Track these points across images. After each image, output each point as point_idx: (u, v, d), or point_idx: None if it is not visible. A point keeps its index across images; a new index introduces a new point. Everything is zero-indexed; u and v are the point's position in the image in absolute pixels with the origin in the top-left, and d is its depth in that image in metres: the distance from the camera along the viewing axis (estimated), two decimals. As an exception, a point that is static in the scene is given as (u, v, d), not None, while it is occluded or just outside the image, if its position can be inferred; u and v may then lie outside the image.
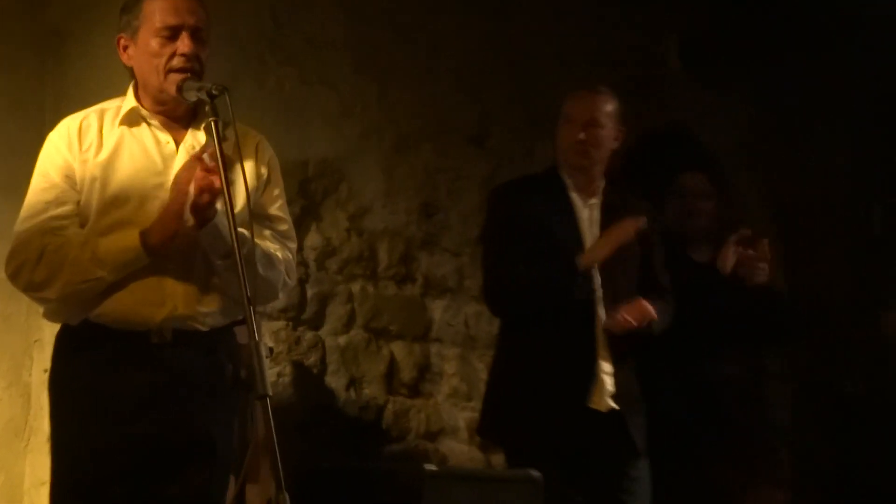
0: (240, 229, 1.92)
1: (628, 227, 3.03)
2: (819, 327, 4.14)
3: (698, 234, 3.42)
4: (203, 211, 1.97)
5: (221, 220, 1.99)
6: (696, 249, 3.42)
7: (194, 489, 2.06)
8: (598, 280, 2.94)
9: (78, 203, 2.13)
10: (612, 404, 2.89)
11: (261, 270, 2.09)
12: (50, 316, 2.24)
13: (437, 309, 3.73)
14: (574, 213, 3.05)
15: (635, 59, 4.25)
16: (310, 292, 3.34)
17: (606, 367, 2.91)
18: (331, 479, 2.97)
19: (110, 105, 2.20)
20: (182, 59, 2.03)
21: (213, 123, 1.87)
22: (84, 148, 2.13)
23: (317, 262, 3.34)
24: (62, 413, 2.19)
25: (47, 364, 2.45)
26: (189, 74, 2.05)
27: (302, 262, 3.29)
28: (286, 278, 2.27)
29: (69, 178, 2.11)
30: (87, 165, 2.15)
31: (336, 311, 3.45)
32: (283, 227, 2.26)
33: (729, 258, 3.17)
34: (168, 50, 2.05)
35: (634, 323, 2.91)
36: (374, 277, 3.58)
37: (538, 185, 3.15)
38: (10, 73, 3.04)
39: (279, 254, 2.20)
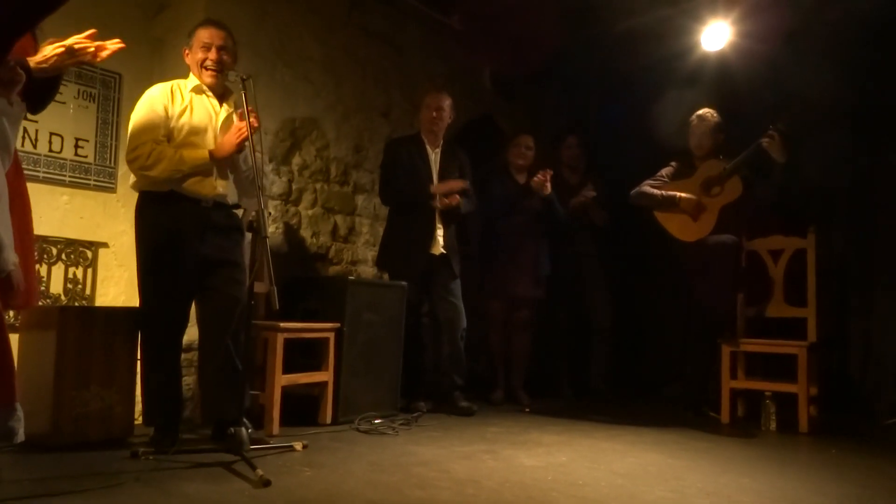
0: (257, 153, 2.59)
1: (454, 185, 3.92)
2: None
3: (523, 167, 4.53)
4: (242, 144, 2.69)
5: (246, 151, 2.65)
6: (520, 175, 4.56)
7: (224, 280, 2.74)
8: (436, 185, 3.97)
9: (168, 128, 2.72)
10: (442, 250, 3.99)
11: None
12: (149, 186, 2.70)
13: (360, 199, 4.54)
14: (427, 156, 4.07)
15: (468, 78, 5.20)
16: (294, 187, 4.05)
17: (440, 231, 3.99)
18: (300, 283, 3.73)
19: (182, 82, 2.86)
20: (210, 61, 2.77)
21: (242, 81, 2.52)
22: (174, 100, 2.78)
23: (298, 172, 4.09)
24: (146, 240, 2.68)
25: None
26: (216, 68, 2.69)
27: (290, 172, 3.99)
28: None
29: (167, 114, 2.73)
30: (175, 110, 2.75)
31: (307, 197, 4.17)
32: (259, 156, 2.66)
33: (535, 182, 4.28)
34: (203, 56, 2.78)
35: (443, 189, 3.91)
36: (328, 181, 4.30)
37: (410, 140, 4.12)
38: (132, 58, 3.60)
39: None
